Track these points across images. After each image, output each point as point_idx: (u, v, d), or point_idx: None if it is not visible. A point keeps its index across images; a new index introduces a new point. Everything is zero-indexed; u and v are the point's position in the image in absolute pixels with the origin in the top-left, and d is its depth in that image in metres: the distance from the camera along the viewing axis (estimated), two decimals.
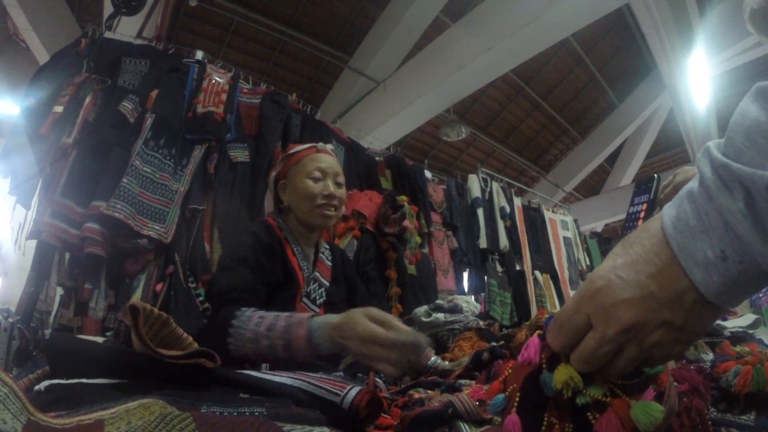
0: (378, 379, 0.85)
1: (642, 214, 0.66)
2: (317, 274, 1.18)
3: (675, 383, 0.44)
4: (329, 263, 1.25)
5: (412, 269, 2.70)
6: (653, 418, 0.35)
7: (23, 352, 1.62)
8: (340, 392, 0.51)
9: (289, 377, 0.55)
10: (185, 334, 0.51)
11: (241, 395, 0.47)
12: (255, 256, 1.02)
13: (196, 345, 0.51)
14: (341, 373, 0.74)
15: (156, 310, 0.48)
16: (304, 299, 1.12)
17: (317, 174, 1.17)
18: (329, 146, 1.26)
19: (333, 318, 0.75)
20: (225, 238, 2.02)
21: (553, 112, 7.89)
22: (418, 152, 7.55)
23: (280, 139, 2.34)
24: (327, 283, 1.19)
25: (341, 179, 1.23)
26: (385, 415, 0.61)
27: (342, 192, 1.22)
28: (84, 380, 0.42)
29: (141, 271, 1.84)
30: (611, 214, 8.65)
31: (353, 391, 0.51)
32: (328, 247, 1.30)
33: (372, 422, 0.55)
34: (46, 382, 0.41)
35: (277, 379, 0.54)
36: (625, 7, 5.31)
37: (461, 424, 0.56)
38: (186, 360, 0.46)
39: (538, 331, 0.43)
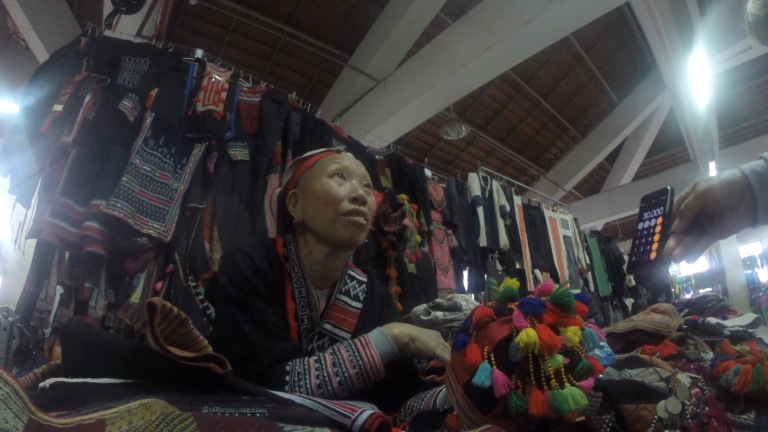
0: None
1: (658, 228, 0.61)
2: (329, 325, 0.90)
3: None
4: (356, 306, 0.94)
5: (412, 268, 2.71)
6: (577, 405, 0.39)
7: (23, 351, 1.63)
8: (350, 415, 0.50)
9: (299, 395, 0.55)
10: (201, 337, 0.51)
11: (244, 397, 0.47)
12: (262, 282, 0.85)
13: (210, 349, 0.51)
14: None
15: (176, 309, 0.48)
16: None
17: (340, 174, 0.92)
18: (348, 153, 1.00)
19: (398, 330, 0.83)
20: (225, 237, 2.02)
21: (554, 111, 7.89)
22: (418, 151, 7.54)
23: (280, 138, 2.33)
24: (347, 336, 0.90)
25: (369, 183, 0.96)
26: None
27: (372, 201, 0.93)
28: (89, 380, 0.42)
29: (141, 270, 1.84)
30: (611, 213, 8.67)
31: (364, 414, 0.50)
32: (364, 280, 1.00)
33: None
34: (52, 380, 0.41)
35: (286, 395, 0.54)
36: (626, 6, 5.32)
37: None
38: (196, 363, 0.46)
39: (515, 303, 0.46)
